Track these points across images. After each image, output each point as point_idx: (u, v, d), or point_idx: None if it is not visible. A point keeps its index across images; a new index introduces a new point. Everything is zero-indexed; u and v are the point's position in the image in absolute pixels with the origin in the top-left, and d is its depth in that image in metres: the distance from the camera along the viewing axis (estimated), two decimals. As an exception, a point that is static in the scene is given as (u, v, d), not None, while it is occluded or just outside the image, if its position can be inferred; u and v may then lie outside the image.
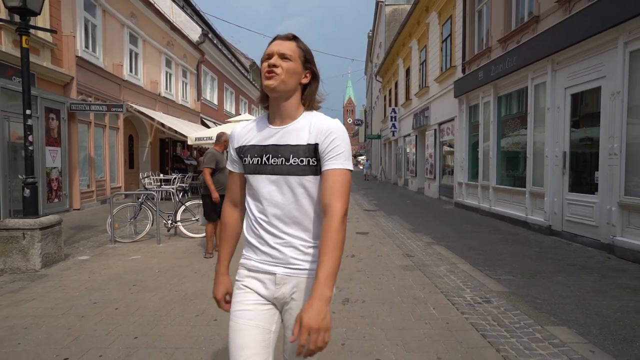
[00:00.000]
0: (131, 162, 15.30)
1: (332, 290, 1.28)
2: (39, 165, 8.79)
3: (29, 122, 5.08)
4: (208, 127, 20.44)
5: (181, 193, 7.26)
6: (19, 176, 5.75)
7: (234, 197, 1.59)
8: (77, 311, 3.60)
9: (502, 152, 9.77)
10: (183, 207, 7.08)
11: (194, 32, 20.10)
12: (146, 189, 8.38)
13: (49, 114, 9.33)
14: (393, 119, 22.36)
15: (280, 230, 1.41)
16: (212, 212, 5.63)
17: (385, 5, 28.93)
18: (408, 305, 3.78)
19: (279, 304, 1.45)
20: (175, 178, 14.00)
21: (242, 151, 1.48)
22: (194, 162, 19.41)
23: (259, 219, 1.44)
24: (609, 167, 5.92)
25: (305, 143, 1.39)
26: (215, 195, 5.44)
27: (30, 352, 2.83)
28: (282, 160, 1.40)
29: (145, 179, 12.55)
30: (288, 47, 1.40)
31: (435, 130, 15.09)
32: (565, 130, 7.11)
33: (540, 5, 7.84)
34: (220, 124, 21.99)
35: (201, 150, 20.46)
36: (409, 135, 19.72)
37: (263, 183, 1.42)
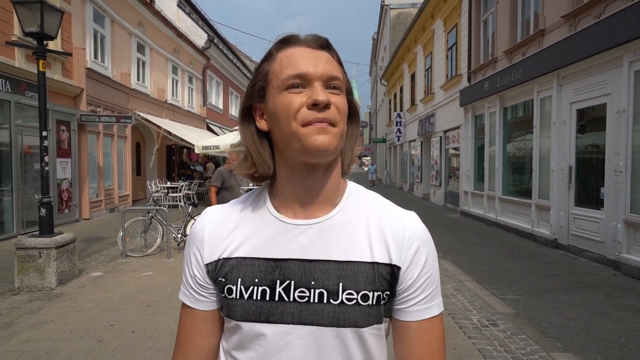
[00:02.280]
0: (138, 169, 15.47)
1: None
2: (50, 177, 8.93)
3: (45, 142, 5.20)
4: (214, 132, 20.62)
5: (190, 207, 7.35)
6: (36, 196, 5.89)
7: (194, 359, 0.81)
8: (94, 334, 3.71)
9: (507, 162, 9.82)
10: (193, 221, 7.19)
11: (199, 37, 20.27)
12: (155, 202, 8.49)
13: (59, 126, 9.50)
14: (398, 124, 22.43)
15: None
16: None
17: (390, 8, 29.00)
18: (416, 329, 3.85)
19: None
20: (182, 186, 14.16)
21: (222, 270, 0.76)
22: (200, 168, 19.57)
23: None
24: (615, 184, 5.97)
25: (370, 260, 0.73)
26: None
27: (53, 380, 2.94)
28: (320, 294, 0.71)
29: (155, 193, 12.67)
30: (333, 65, 0.74)
31: (440, 137, 15.14)
32: (571, 145, 7.15)
33: (545, 20, 7.89)
34: (226, 129, 22.19)
35: (208, 155, 20.60)
36: (414, 140, 19.78)
37: (279, 343, 0.72)
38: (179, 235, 7.28)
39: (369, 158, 55.63)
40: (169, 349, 3.42)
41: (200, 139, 14.48)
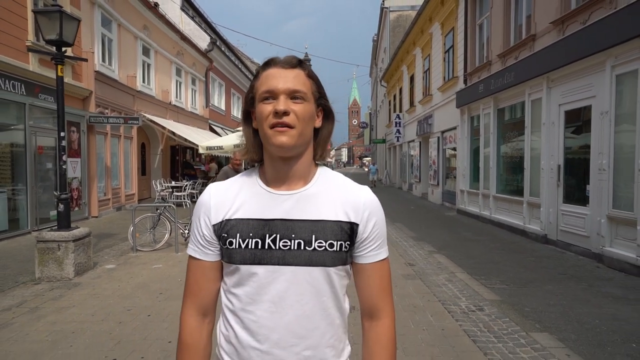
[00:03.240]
0: (143, 168, 15.84)
1: None
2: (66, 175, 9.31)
3: (63, 142, 5.57)
4: (216, 132, 20.99)
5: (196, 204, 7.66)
6: (54, 192, 6.24)
7: (204, 301, 1.06)
8: (114, 317, 4.07)
9: (501, 162, 10.17)
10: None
11: (202, 40, 20.65)
12: (163, 199, 8.85)
13: (70, 127, 9.86)
14: (397, 125, 22.78)
15: (291, 350, 0.96)
16: None
17: (390, 11, 29.36)
18: (408, 314, 4.21)
19: None
20: (186, 185, 14.53)
21: (225, 229, 1.00)
22: (203, 167, 19.94)
23: (255, 333, 0.97)
24: (599, 182, 6.32)
25: (335, 219, 0.98)
26: None
27: (81, 354, 3.29)
28: (298, 243, 0.96)
29: (162, 191, 13.04)
30: (298, 80, 0.97)
31: (438, 137, 15.49)
32: (559, 145, 7.50)
33: (536, 25, 8.24)
34: (228, 130, 22.55)
35: (211, 156, 20.97)
36: (413, 141, 20.12)
37: (269, 278, 0.96)
38: (186, 231, 7.64)
39: (369, 158, 55.67)
40: (183, 329, 3.77)
41: (203, 140, 14.85)
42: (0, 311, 4.24)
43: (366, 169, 53.47)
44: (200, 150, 13.62)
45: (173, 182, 14.93)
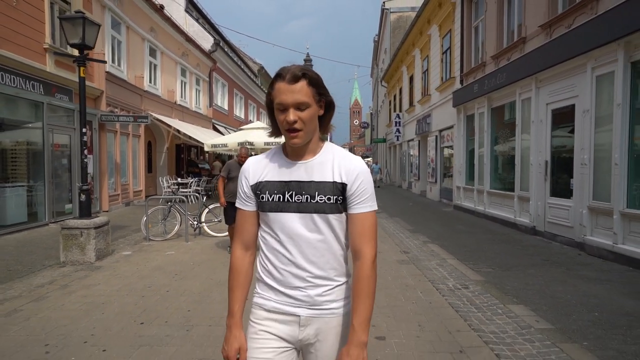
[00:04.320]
0: (149, 166, 16.34)
1: (367, 335, 1.31)
2: (76, 172, 9.81)
3: (85, 138, 6.05)
4: (220, 132, 21.48)
5: (204, 197, 8.18)
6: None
7: (247, 238, 1.48)
8: (137, 292, 4.55)
9: (495, 159, 10.63)
10: (206, 210, 8.03)
11: (206, 41, 21.14)
12: (173, 193, 9.34)
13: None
14: (397, 124, 23.25)
15: (305, 270, 1.36)
16: (230, 217, 6.21)
17: (391, 12, 29.83)
18: (400, 290, 4.68)
19: (301, 345, 1.42)
20: (192, 182, 15.02)
21: (259, 187, 1.40)
22: (207, 166, 20.44)
23: (280, 259, 1.38)
24: (581, 175, 6.78)
25: (331, 180, 1.36)
26: (221, 200, 6.31)
27: (113, 319, 3.77)
28: (307, 197, 1.35)
29: (168, 187, 13.54)
30: (301, 93, 1.29)
31: (436, 136, 15.95)
32: (546, 142, 7.97)
33: (527, 28, 8.70)
34: (231, 129, 23.04)
35: (215, 154, 21.47)
36: (412, 140, 20.59)
37: (288, 221, 1.36)
38: (195, 222, 8.12)
39: (369, 159, 55.76)
40: (199, 302, 4.25)
41: (208, 138, 15.34)
42: (35, 287, 4.73)
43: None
44: (206, 148, 14.11)
45: (179, 179, 15.41)
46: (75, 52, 6.17)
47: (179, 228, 7.95)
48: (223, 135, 19.13)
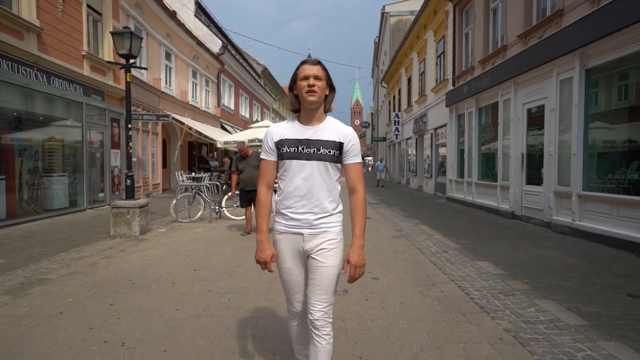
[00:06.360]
0: (164, 162, 17.52)
1: (364, 240, 1.93)
2: (107, 164, 11.01)
3: (130, 132, 7.24)
4: (227, 130, 22.66)
5: (224, 186, 9.40)
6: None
7: (269, 180, 2.00)
8: (183, 255, 5.72)
9: (481, 153, 11.79)
10: (226, 197, 9.21)
11: (214, 44, 22.31)
12: (197, 181, 10.57)
13: (112, 123, 11.56)
14: (396, 123, 24.40)
15: (309, 201, 1.89)
16: (244, 201, 7.35)
17: (390, 15, 30.97)
18: (392, 253, 5.85)
19: (307, 254, 1.94)
20: (204, 176, 16.21)
21: (280, 143, 1.92)
22: (216, 163, 21.62)
23: (293, 194, 1.90)
24: (549, 165, 7.94)
25: (332, 139, 1.90)
26: (232, 192, 7.71)
27: (171, 268, 4.95)
28: (314, 150, 1.88)
29: (184, 181, 14.72)
30: (318, 70, 1.88)
31: (432, 134, 17.10)
32: (523, 137, 9.13)
33: (507, 37, 9.86)
34: (238, 128, 24.23)
35: (224, 152, 22.68)
36: (410, 138, 21.74)
37: (300, 166, 1.88)
38: (216, 207, 9.30)
39: (370, 158, 56.17)
40: (235, 258, 5.42)
41: (218, 136, 16.52)
42: (100, 251, 5.92)
43: (370, 168, 52.01)
44: (218, 145, 15.28)
45: (193, 174, 16.60)
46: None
47: (202, 212, 9.12)
48: (230, 133, 20.31)
